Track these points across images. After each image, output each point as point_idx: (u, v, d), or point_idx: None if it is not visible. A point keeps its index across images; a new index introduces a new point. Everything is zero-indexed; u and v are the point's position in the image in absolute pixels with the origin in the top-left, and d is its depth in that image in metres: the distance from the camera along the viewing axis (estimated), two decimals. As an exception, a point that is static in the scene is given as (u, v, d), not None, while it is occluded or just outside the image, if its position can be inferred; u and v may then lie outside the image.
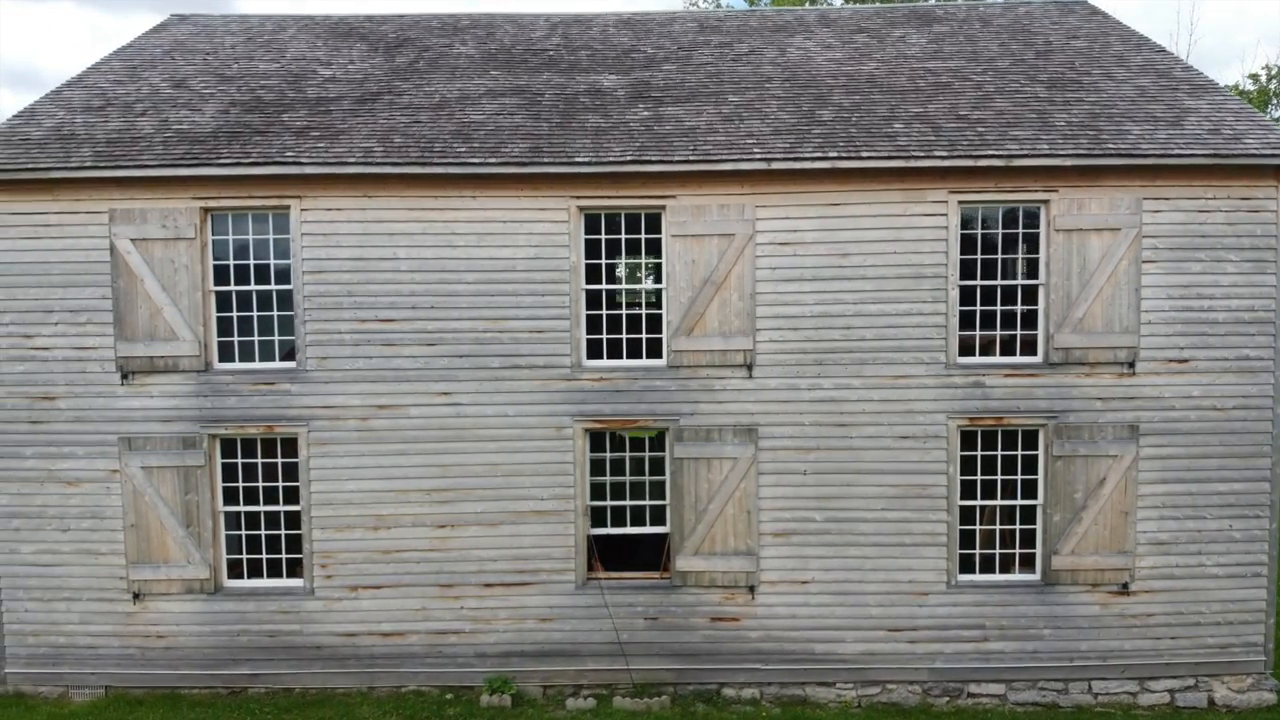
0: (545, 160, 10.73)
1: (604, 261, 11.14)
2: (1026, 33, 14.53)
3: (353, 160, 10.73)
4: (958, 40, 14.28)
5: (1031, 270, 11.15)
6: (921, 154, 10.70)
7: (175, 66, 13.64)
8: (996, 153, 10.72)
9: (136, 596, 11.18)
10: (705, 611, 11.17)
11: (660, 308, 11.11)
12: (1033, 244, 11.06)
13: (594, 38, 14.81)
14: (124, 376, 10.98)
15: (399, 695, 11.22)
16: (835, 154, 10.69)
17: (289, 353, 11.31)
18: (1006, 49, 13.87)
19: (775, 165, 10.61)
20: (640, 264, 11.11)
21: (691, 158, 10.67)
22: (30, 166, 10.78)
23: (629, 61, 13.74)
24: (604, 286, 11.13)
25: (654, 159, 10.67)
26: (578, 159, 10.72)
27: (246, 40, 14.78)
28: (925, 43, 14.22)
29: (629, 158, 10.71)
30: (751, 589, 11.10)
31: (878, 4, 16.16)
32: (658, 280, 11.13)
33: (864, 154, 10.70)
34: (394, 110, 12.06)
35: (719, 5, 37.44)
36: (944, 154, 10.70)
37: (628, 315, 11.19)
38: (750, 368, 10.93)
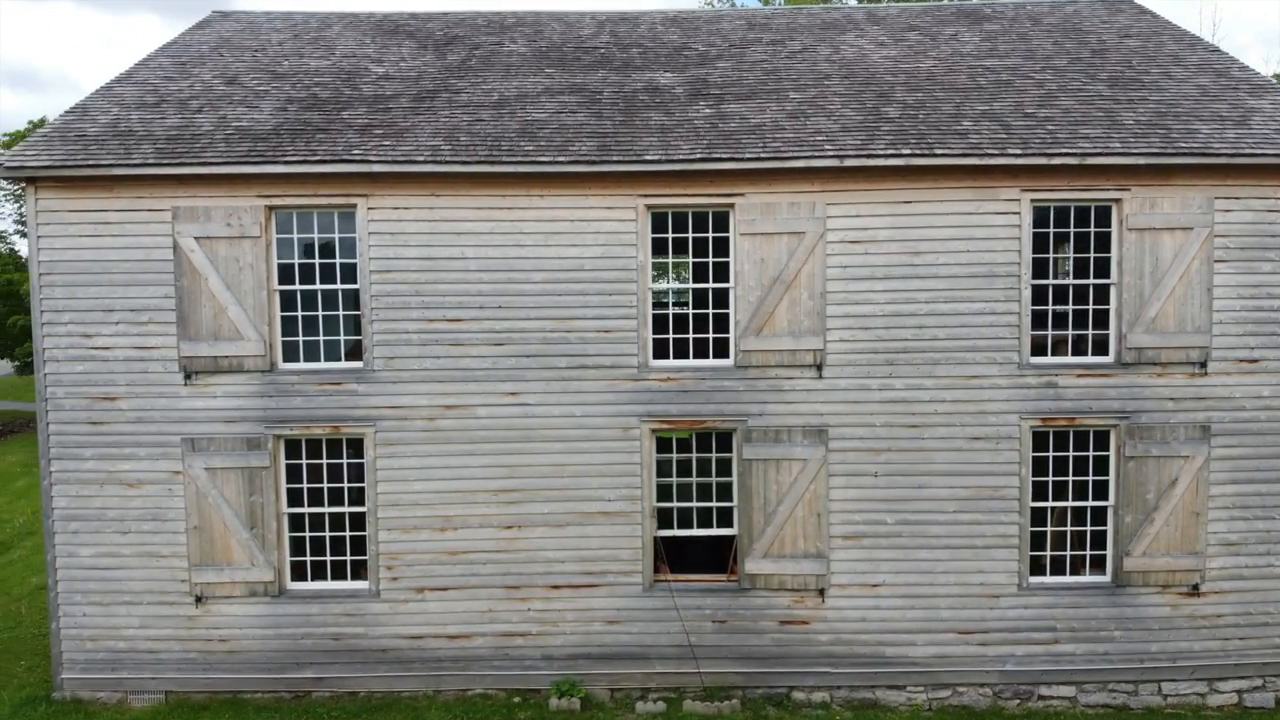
0: (614, 158, 10.60)
1: (671, 260, 11.01)
2: (1079, 31, 14.44)
3: (422, 159, 10.59)
4: (1011, 38, 14.19)
5: (1102, 269, 11.04)
6: (995, 151, 10.60)
7: (225, 63, 13.49)
8: (1070, 151, 10.62)
9: (199, 600, 11.02)
10: (774, 615, 11.05)
11: (726, 307, 10.99)
12: (1103, 243, 10.97)
13: (643, 35, 14.70)
14: (187, 377, 10.83)
15: (466, 698, 11.09)
16: (908, 151, 10.59)
17: (347, 352, 11.17)
18: (1061, 47, 13.78)
19: (848, 162, 10.50)
20: (707, 263, 10.95)
21: (762, 155, 10.56)
22: (90, 163, 10.62)
23: (682, 59, 13.63)
24: (670, 285, 11.00)
25: (724, 156, 10.56)
26: (647, 157, 10.60)
27: (293, 37, 14.64)
28: (979, 40, 14.13)
29: (698, 155, 10.59)
30: (821, 592, 10.99)
31: (920, 2, 16.06)
32: (723, 279, 11.01)
33: (937, 151, 10.59)
34: (454, 108, 11.93)
35: (733, 4, 37.42)
36: (1018, 152, 10.60)
37: (694, 315, 11.05)
38: (820, 368, 10.81)
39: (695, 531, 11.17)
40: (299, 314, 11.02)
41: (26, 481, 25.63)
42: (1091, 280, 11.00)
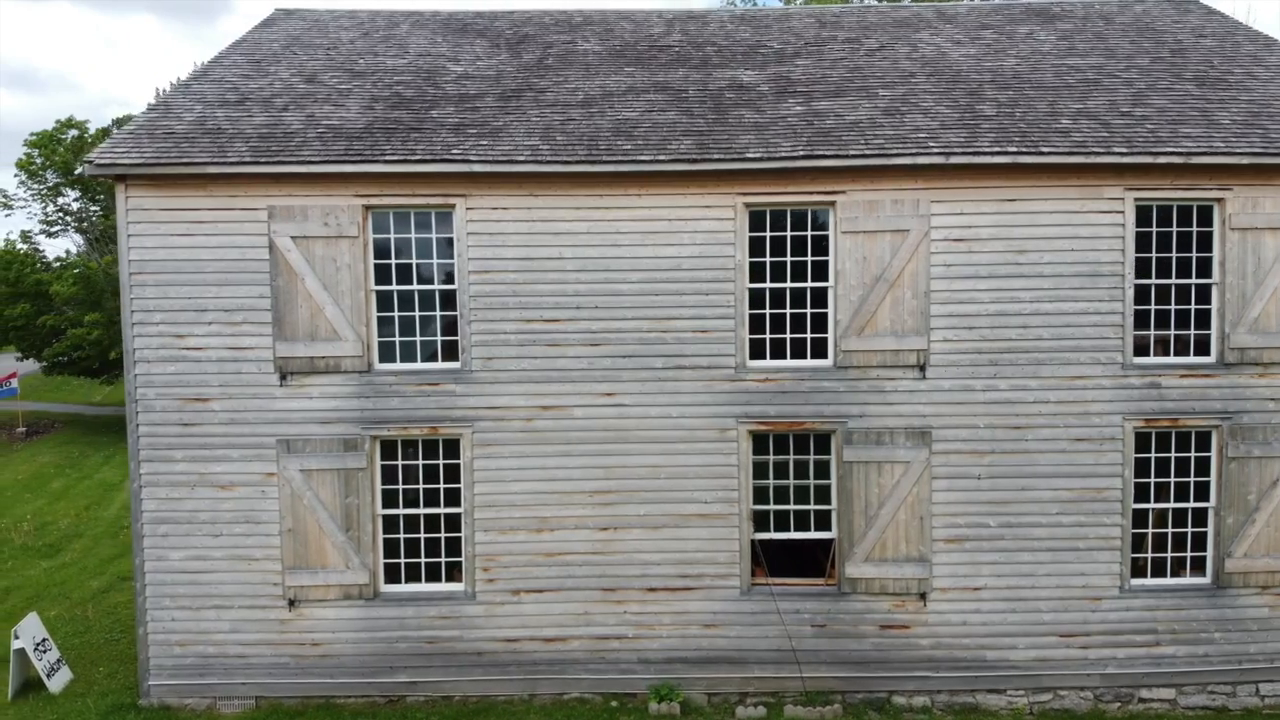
0: (715, 156, 10.49)
1: (769, 259, 10.88)
2: (1153, 31, 14.35)
3: (522, 159, 10.46)
4: (1087, 37, 14.09)
5: (1204, 269, 10.93)
6: (1101, 150, 10.49)
7: (300, 61, 13.36)
8: (1175, 150, 10.52)
9: (292, 603, 10.88)
10: (874, 619, 10.92)
11: (824, 306, 10.87)
12: (1205, 242, 10.86)
13: (715, 34, 14.59)
14: (282, 377, 10.70)
15: (562, 703, 10.95)
16: (1014, 149, 10.48)
17: (436, 353, 11.04)
18: (1139, 47, 13.68)
19: (954, 159, 10.39)
20: (805, 261, 10.82)
21: (867, 151, 10.45)
22: (184, 161, 10.49)
23: (759, 57, 13.52)
24: (768, 285, 10.86)
25: (828, 153, 10.45)
26: (749, 154, 10.48)
27: (363, 35, 14.51)
28: (1056, 39, 14.03)
29: (801, 152, 10.48)
30: (923, 596, 10.86)
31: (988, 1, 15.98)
32: (820, 278, 10.88)
33: (1043, 149, 10.48)
34: (542, 107, 11.80)
35: (754, 3, 37.31)
36: (1123, 150, 10.50)
37: (791, 314, 10.92)
38: (924, 368, 10.70)
39: (793, 535, 11.04)
40: (395, 314, 10.89)
41: (63, 483, 25.46)
42: (1193, 280, 10.89)
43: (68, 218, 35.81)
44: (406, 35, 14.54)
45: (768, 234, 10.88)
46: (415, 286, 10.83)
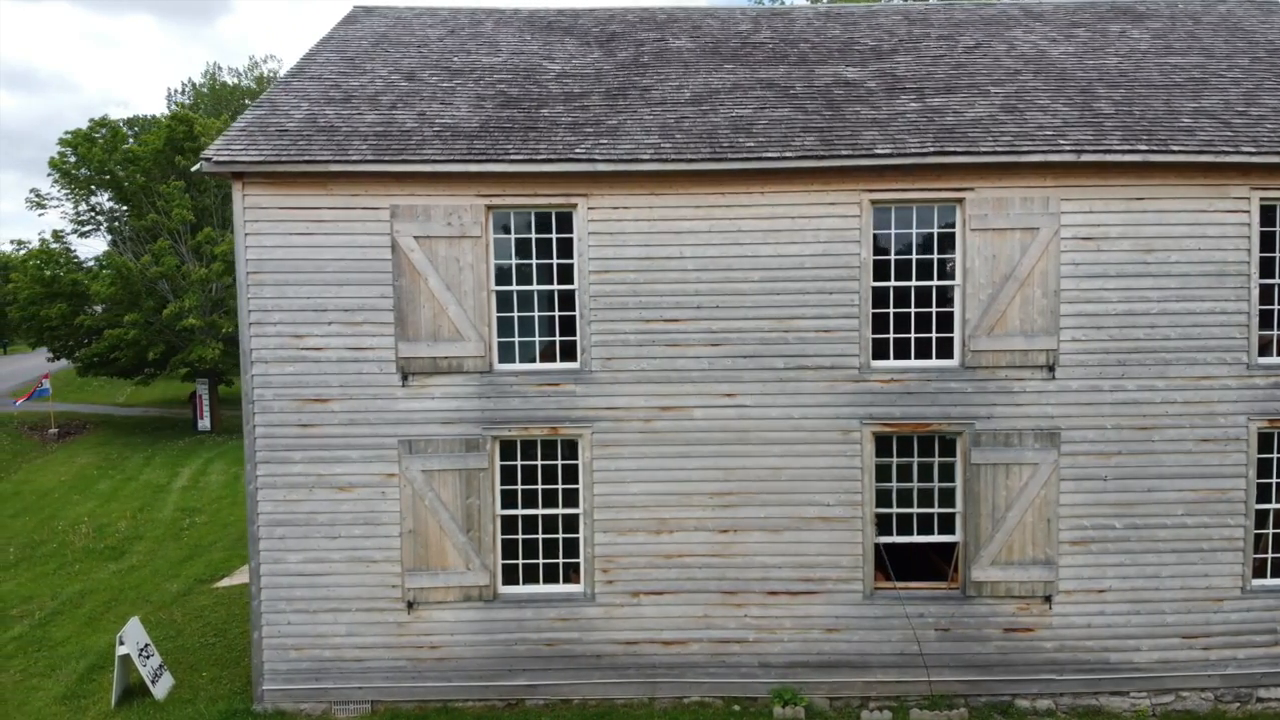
0: (843, 153, 10.38)
1: (893, 257, 10.78)
2: (1243, 30, 14.27)
3: (647, 158, 10.35)
4: (1180, 36, 14.00)
5: (1326, 268, 10.84)
6: (1229, 149, 10.40)
7: (394, 58, 13.24)
8: (1304, 148, 10.43)
9: (410, 605, 10.76)
10: (999, 622, 10.82)
11: (949, 305, 10.78)
12: (1327, 241, 10.78)
13: (804, 30, 14.49)
14: (404, 378, 10.57)
15: (682, 706, 10.84)
16: (1144, 147, 10.38)
17: (549, 353, 10.93)
18: (1234, 47, 13.59)
19: (1085, 157, 10.30)
20: (931, 259, 10.73)
21: (998, 148, 10.35)
22: (306, 159, 10.36)
23: (855, 54, 13.41)
24: (892, 283, 10.75)
25: (958, 149, 10.35)
26: (877, 150, 10.38)
27: (449, 33, 14.39)
28: (1151, 39, 13.94)
29: (931, 149, 10.38)
30: (1048, 599, 10.76)
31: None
32: (946, 276, 10.79)
33: (1173, 148, 10.39)
34: (651, 105, 11.69)
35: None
36: (1252, 150, 10.41)
37: (916, 313, 10.82)
38: (1052, 369, 10.60)
39: (917, 539, 10.93)
40: (515, 315, 10.77)
41: (109, 485, 25.32)
42: (1318, 279, 10.80)
43: (99, 217, 35.67)
44: (493, 33, 14.42)
45: (892, 231, 10.77)
46: (534, 286, 10.71)
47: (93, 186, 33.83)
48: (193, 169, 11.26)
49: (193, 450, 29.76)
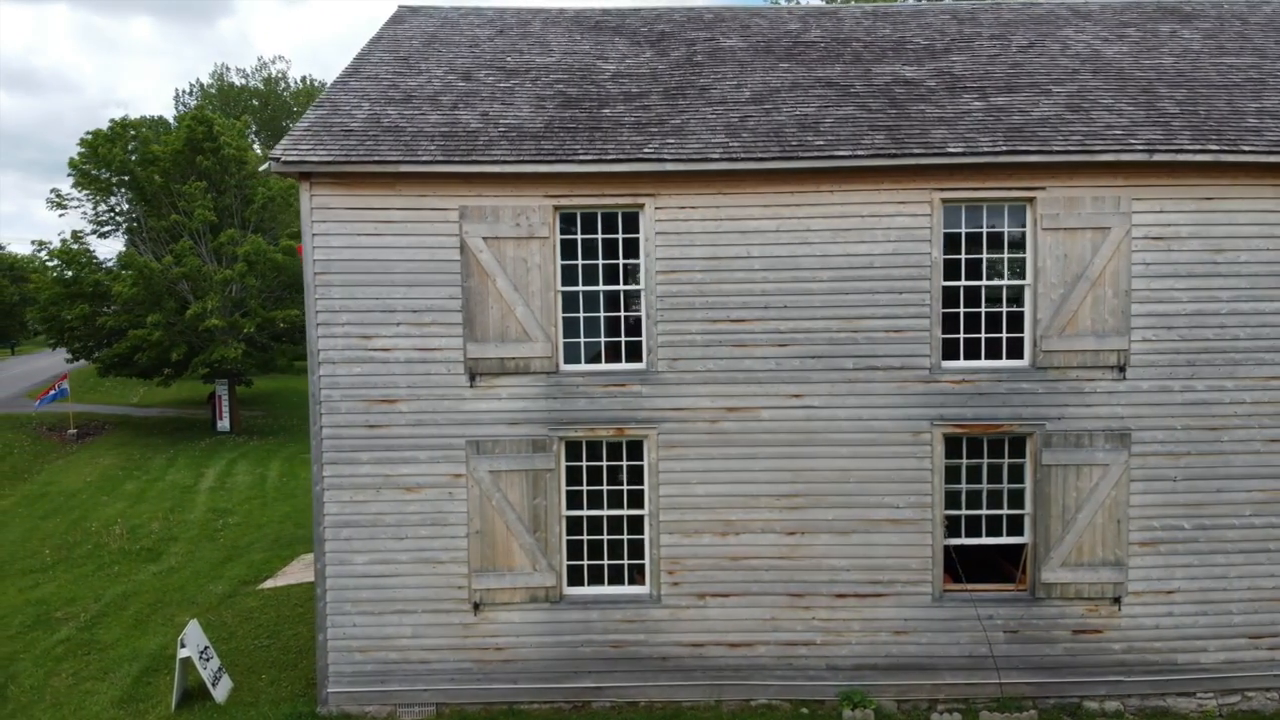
0: (915, 151, 10.34)
1: (963, 256, 10.73)
2: (1294, 28, 14.23)
3: (716, 157, 10.31)
4: (1231, 36, 13.96)
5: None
6: (1301, 148, 10.36)
7: (448, 59, 13.19)
8: (1376, 147, 10.39)
9: (477, 607, 10.71)
10: (1067, 624, 10.78)
11: (1020, 305, 10.73)
12: (1397, 241, 10.74)
13: (853, 29, 14.44)
14: (472, 378, 10.52)
15: (750, 709, 10.79)
16: (1215, 147, 10.34)
17: (613, 354, 10.88)
18: (1287, 44, 13.56)
19: (1157, 157, 10.26)
20: (1002, 259, 10.69)
21: (1070, 147, 10.31)
22: (376, 160, 10.31)
23: (909, 52, 13.36)
24: (962, 283, 10.70)
25: (1031, 148, 10.30)
26: (950, 149, 10.34)
27: (498, 33, 14.34)
28: (1202, 39, 13.90)
29: (1004, 147, 10.34)
30: (1117, 600, 10.72)
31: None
32: (1016, 276, 10.74)
33: (1244, 148, 10.35)
34: (712, 105, 11.64)
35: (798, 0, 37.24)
36: (1323, 148, 10.37)
37: (987, 313, 10.77)
38: (1123, 369, 10.56)
39: (986, 540, 10.88)
40: (580, 315, 10.72)
41: (135, 485, 25.25)
42: (1387, 279, 10.76)
43: (118, 218, 35.60)
44: (543, 33, 14.38)
45: (963, 230, 10.73)
46: (600, 287, 10.67)
47: (112, 187, 33.76)
48: (260, 169, 11.27)
49: (215, 451, 29.70)
